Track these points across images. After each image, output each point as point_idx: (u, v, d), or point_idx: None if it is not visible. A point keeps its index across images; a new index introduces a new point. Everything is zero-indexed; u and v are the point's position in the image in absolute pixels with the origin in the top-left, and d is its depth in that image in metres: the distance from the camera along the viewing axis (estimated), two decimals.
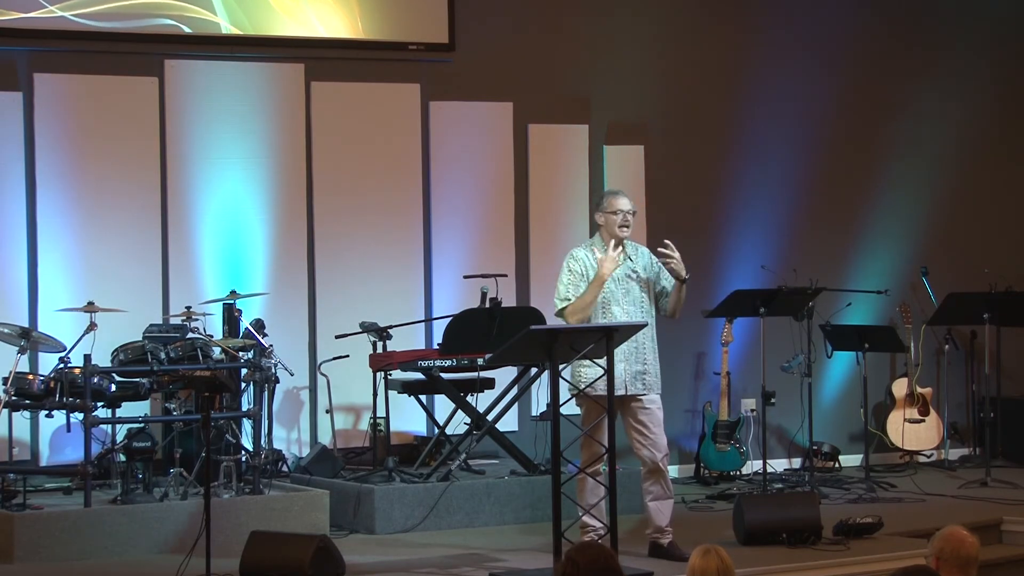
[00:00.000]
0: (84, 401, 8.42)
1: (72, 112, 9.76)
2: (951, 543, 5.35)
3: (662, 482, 8.06)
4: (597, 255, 7.98)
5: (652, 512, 8.08)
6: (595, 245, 8.11)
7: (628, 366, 7.96)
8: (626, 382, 7.95)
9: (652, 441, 8.01)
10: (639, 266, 8.11)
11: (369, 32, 10.41)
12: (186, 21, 9.96)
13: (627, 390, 7.96)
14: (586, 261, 8.06)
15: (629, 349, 7.93)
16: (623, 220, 8.04)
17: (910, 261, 11.73)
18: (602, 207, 8.13)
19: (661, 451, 8.04)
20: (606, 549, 4.89)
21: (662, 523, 8.06)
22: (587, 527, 7.97)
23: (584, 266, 8.06)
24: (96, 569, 8.04)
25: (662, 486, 8.06)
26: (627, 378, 7.95)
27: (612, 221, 8.06)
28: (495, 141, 10.70)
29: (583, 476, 7.97)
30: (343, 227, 10.31)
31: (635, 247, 8.21)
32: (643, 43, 11.09)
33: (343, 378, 9.99)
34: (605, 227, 8.11)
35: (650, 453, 8.01)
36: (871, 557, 8.06)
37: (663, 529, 8.06)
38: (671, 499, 8.14)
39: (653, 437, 8.01)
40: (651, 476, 8.06)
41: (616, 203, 8.08)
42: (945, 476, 10.79)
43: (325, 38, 10.31)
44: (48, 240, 9.65)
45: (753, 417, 10.88)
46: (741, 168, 11.31)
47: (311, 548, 7.42)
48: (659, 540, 8.04)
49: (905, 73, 11.82)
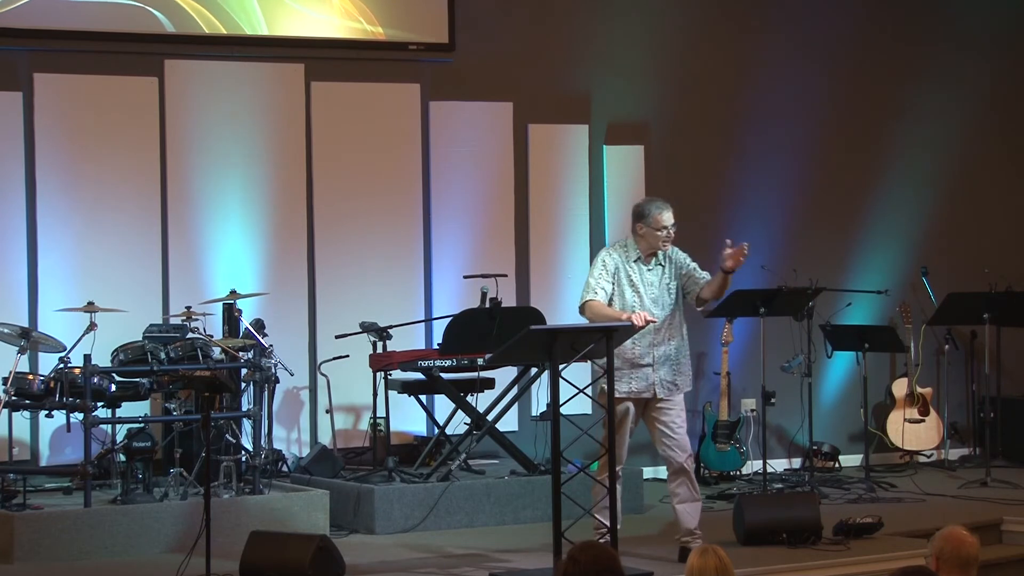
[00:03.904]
0: (84, 401, 8.42)
1: (72, 112, 9.77)
2: (951, 543, 5.35)
3: (688, 484, 7.99)
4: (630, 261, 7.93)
5: (680, 515, 8.01)
6: (629, 250, 8.02)
7: (664, 373, 7.93)
8: (655, 386, 7.92)
9: (676, 442, 7.96)
10: (668, 270, 8.02)
11: (369, 32, 10.41)
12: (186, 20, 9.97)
13: (655, 394, 7.93)
14: (618, 262, 7.98)
15: (663, 356, 7.91)
16: (666, 236, 7.97)
17: (910, 261, 11.73)
18: (647, 221, 7.97)
19: (685, 451, 7.99)
20: (607, 549, 4.89)
21: (691, 526, 7.99)
22: (601, 527, 7.90)
23: (615, 265, 7.96)
24: (96, 569, 8.04)
25: (688, 488, 7.99)
26: (657, 383, 7.92)
27: (656, 237, 7.96)
28: (495, 141, 10.70)
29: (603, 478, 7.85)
30: (343, 227, 10.31)
31: (664, 252, 8.05)
32: (643, 43, 11.09)
33: (343, 378, 9.99)
34: (644, 238, 7.99)
35: (675, 454, 7.95)
36: (871, 557, 8.06)
37: (693, 532, 7.98)
38: (699, 501, 8.08)
39: (677, 438, 7.96)
40: (676, 477, 7.99)
41: (662, 219, 7.95)
42: (945, 476, 10.79)
43: (325, 38, 10.31)
44: (48, 240, 9.65)
45: (753, 417, 10.88)
46: (741, 168, 11.31)
47: (311, 548, 7.42)
48: (689, 544, 7.86)
49: (905, 73, 11.82)
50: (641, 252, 8.01)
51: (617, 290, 7.99)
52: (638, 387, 7.93)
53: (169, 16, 9.92)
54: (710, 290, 8.04)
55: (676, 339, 8.03)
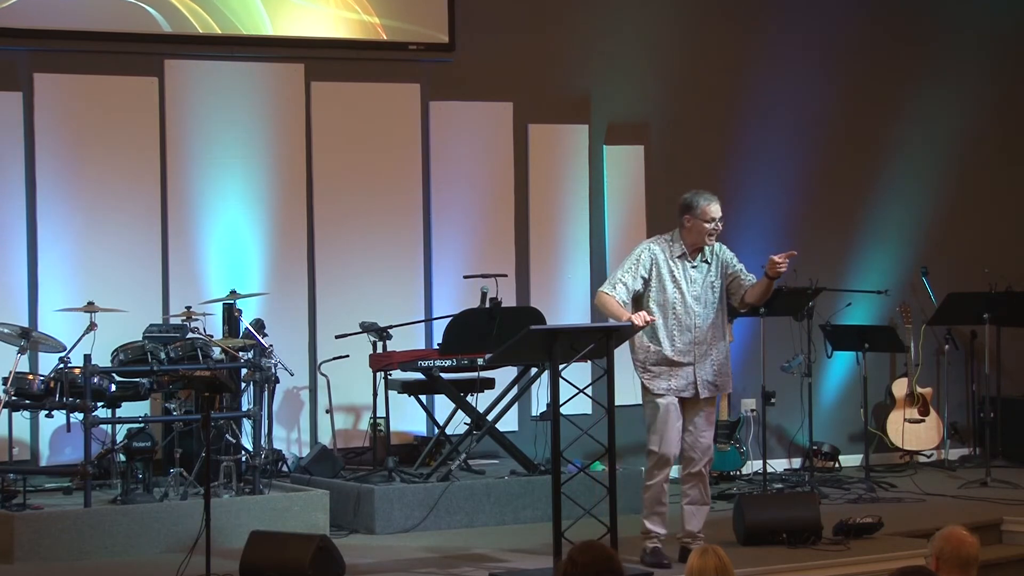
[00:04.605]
0: (84, 401, 8.42)
1: (72, 112, 9.76)
2: (951, 543, 5.35)
3: (701, 487, 7.94)
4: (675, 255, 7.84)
5: (686, 516, 7.97)
6: (674, 244, 7.89)
7: (705, 372, 7.85)
8: (696, 385, 7.84)
9: (699, 443, 7.89)
10: (714, 268, 7.92)
11: (369, 32, 10.41)
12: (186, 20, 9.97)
13: (697, 393, 7.86)
14: (659, 257, 7.85)
15: (704, 354, 7.83)
16: (713, 228, 7.85)
17: (910, 261, 11.73)
18: (695, 212, 7.85)
19: (707, 455, 7.93)
20: (607, 549, 4.88)
21: (694, 528, 7.96)
22: (651, 533, 7.88)
23: (652, 260, 7.83)
24: (96, 569, 8.04)
25: (700, 491, 7.95)
26: (699, 382, 7.84)
27: (702, 229, 7.84)
28: (495, 141, 10.70)
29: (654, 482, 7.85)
30: (343, 227, 10.31)
31: (711, 247, 7.94)
32: (643, 43, 11.10)
33: (343, 378, 9.99)
34: (691, 231, 7.86)
35: (696, 455, 7.90)
36: (871, 557, 8.06)
37: (695, 535, 7.94)
38: (707, 506, 8.04)
39: (701, 440, 7.90)
40: (692, 479, 7.94)
41: (710, 211, 7.83)
42: (945, 476, 10.79)
43: (325, 38, 10.31)
44: (48, 240, 9.65)
45: (753, 417, 10.88)
46: (741, 168, 11.31)
47: (311, 548, 7.42)
48: (690, 545, 7.82)
49: (905, 73, 11.82)
50: (687, 247, 7.87)
51: (657, 284, 7.84)
52: (678, 385, 7.82)
53: (169, 16, 9.92)
54: (754, 295, 7.95)
55: (719, 339, 7.92)
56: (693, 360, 7.83)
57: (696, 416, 7.90)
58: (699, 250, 7.92)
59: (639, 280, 7.84)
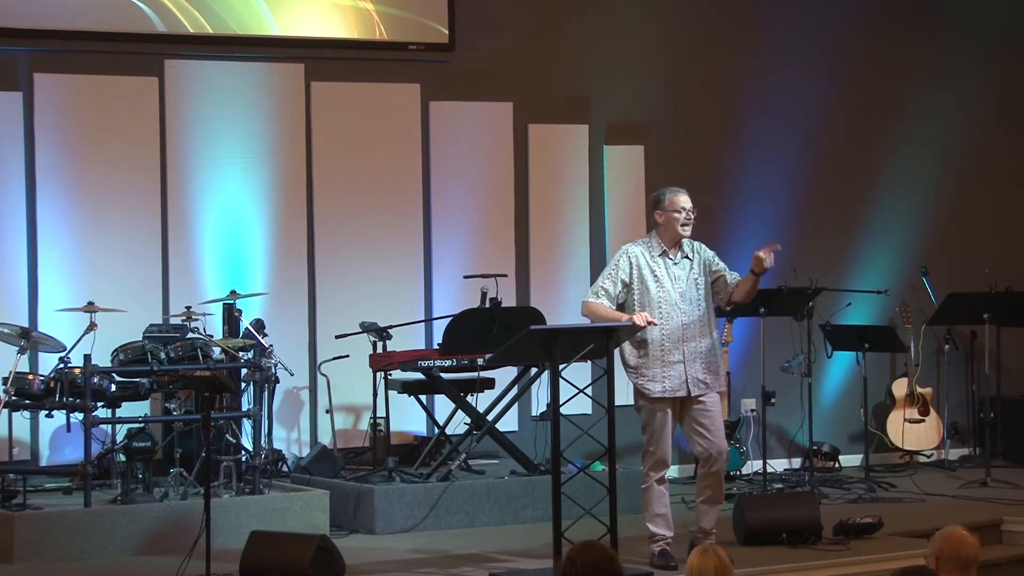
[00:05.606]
0: (84, 401, 8.42)
1: (72, 112, 9.76)
2: (951, 543, 5.35)
3: (717, 487, 7.93)
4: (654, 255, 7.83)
5: (700, 513, 7.98)
6: (652, 243, 7.90)
7: (696, 370, 7.83)
8: (688, 383, 7.83)
9: (714, 444, 7.86)
10: (696, 265, 7.91)
11: (369, 32, 10.41)
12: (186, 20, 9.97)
13: (689, 392, 7.84)
14: (639, 259, 7.84)
15: (693, 352, 7.81)
16: (685, 218, 7.85)
17: (910, 261, 11.73)
18: (663, 205, 7.89)
19: (723, 454, 7.91)
20: (607, 549, 4.88)
21: (707, 525, 7.95)
22: (656, 536, 7.88)
23: (632, 263, 7.83)
24: (96, 569, 8.04)
25: (716, 491, 7.93)
26: (690, 380, 7.82)
27: (674, 220, 7.83)
28: (495, 141, 10.70)
29: (649, 484, 7.86)
30: (343, 227, 10.31)
31: (691, 244, 7.95)
32: (643, 43, 11.10)
33: (343, 378, 9.99)
34: (665, 226, 7.87)
35: (713, 455, 7.87)
36: (871, 557, 8.06)
37: (708, 532, 7.93)
38: (719, 506, 8.03)
39: (716, 440, 7.87)
40: (709, 478, 7.93)
41: (678, 201, 7.86)
42: (945, 476, 10.79)
43: (325, 38, 10.31)
44: (48, 240, 9.65)
45: (753, 417, 10.88)
46: (741, 168, 11.31)
47: (311, 548, 7.42)
48: (701, 540, 7.79)
49: (905, 73, 11.82)
50: (666, 244, 7.87)
51: (640, 286, 7.83)
52: (671, 385, 7.79)
53: (169, 16, 9.91)
54: (741, 292, 7.93)
55: (707, 337, 7.88)
56: (683, 358, 7.82)
57: (704, 418, 7.87)
58: (678, 246, 7.92)
59: (619, 285, 7.83)
